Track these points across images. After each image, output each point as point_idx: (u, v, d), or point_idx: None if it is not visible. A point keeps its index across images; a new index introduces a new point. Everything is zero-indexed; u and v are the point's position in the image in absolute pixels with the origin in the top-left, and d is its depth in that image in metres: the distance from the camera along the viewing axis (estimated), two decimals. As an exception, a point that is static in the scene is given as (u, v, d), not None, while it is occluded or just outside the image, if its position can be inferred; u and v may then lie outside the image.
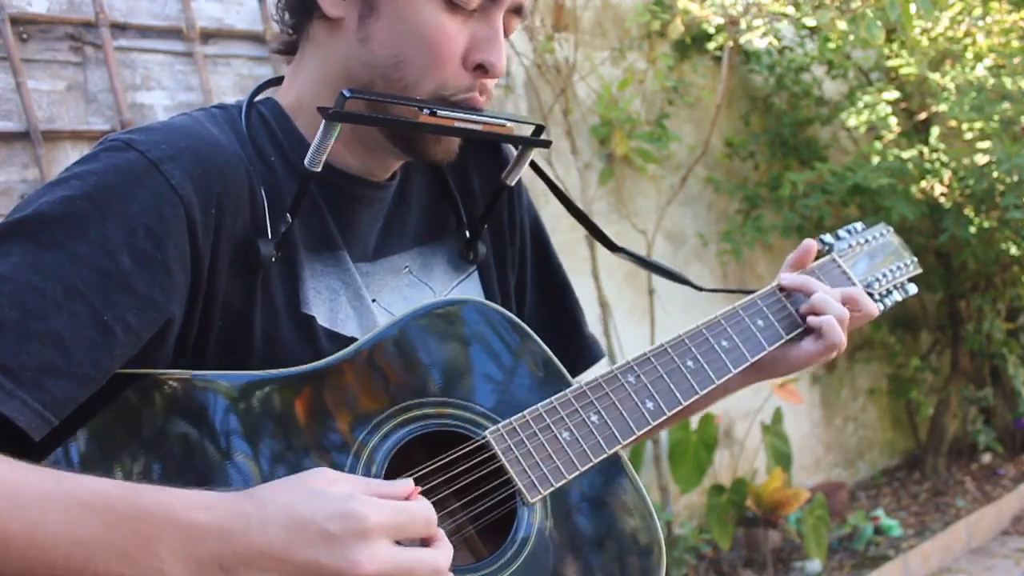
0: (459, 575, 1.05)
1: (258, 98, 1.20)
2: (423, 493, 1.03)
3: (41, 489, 0.85)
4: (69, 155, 2.90)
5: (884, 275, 1.62)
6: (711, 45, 4.96)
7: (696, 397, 1.29)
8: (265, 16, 3.39)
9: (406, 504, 0.95)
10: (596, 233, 1.48)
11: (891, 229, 1.71)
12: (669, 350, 1.30)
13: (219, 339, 1.07)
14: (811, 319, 1.43)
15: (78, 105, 2.97)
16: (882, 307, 1.58)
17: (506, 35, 1.17)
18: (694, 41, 5.01)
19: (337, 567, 0.88)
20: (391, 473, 1.07)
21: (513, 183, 1.31)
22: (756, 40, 4.77)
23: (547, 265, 1.46)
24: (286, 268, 1.13)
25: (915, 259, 1.69)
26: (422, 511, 0.95)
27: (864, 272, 1.60)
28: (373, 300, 1.22)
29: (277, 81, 1.26)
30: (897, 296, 1.64)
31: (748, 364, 1.36)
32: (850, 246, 1.62)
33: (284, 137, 1.17)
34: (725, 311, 1.39)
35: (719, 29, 4.81)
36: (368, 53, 1.13)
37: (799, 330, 1.44)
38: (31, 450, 0.91)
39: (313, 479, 0.93)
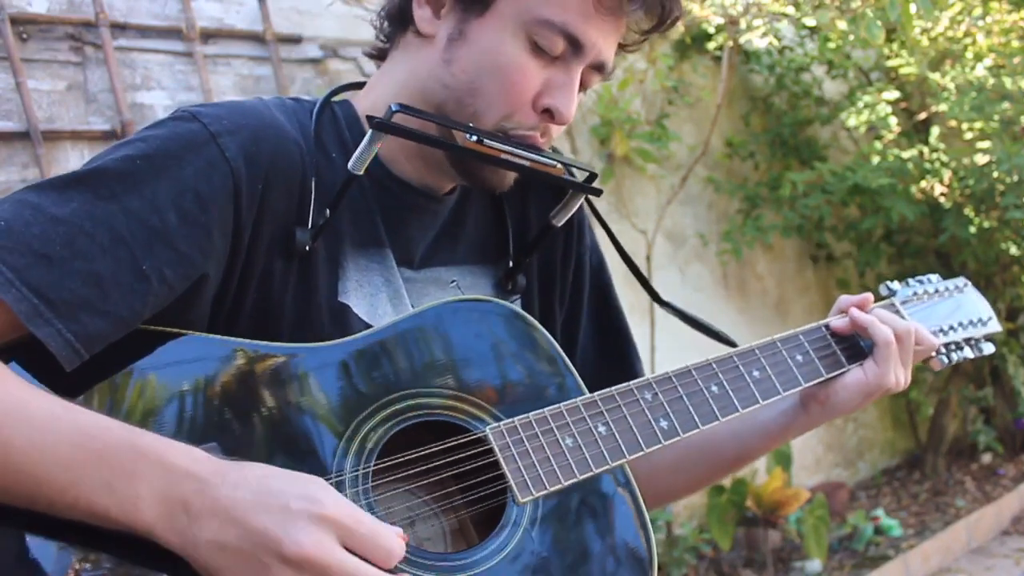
0: (439, 562, 1.07)
1: (336, 99, 1.25)
2: (418, 473, 1.05)
3: (49, 411, 0.94)
4: (69, 155, 2.90)
5: (952, 328, 1.52)
6: (711, 45, 4.96)
7: (716, 423, 1.24)
8: (265, 16, 3.39)
9: (374, 522, 0.95)
10: (646, 285, 1.51)
11: (969, 283, 1.60)
12: (693, 372, 1.26)
13: (253, 311, 1.13)
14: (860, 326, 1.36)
15: (78, 105, 2.97)
16: (945, 360, 1.48)
17: (584, 88, 1.21)
18: (694, 41, 5.01)
19: (279, 539, 0.91)
20: (385, 454, 1.09)
21: (559, 224, 1.32)
22: (756, 40, 4.77)
23: (607, 310, 1.47)
24: (328, 257, 1.18)
25: (994, 316, 1.58)
26: (385, 536, 0.95)
27: (926, 321, 1.48)
28: (412, 306, 1.24)
29: (357, 85, 1.32)
30: (968, 353, 1.53)
31: (779, 398, 1.30)
32: (915, 294, 1.52)
33: (350, 136, 1.22)
34: (761, 342, 1.33)
35: (719, 29, 4.81)
36: (448, 74, 1.18)
37: (843, 370, 1.36)
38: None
39: (308, 478, 0.97)
